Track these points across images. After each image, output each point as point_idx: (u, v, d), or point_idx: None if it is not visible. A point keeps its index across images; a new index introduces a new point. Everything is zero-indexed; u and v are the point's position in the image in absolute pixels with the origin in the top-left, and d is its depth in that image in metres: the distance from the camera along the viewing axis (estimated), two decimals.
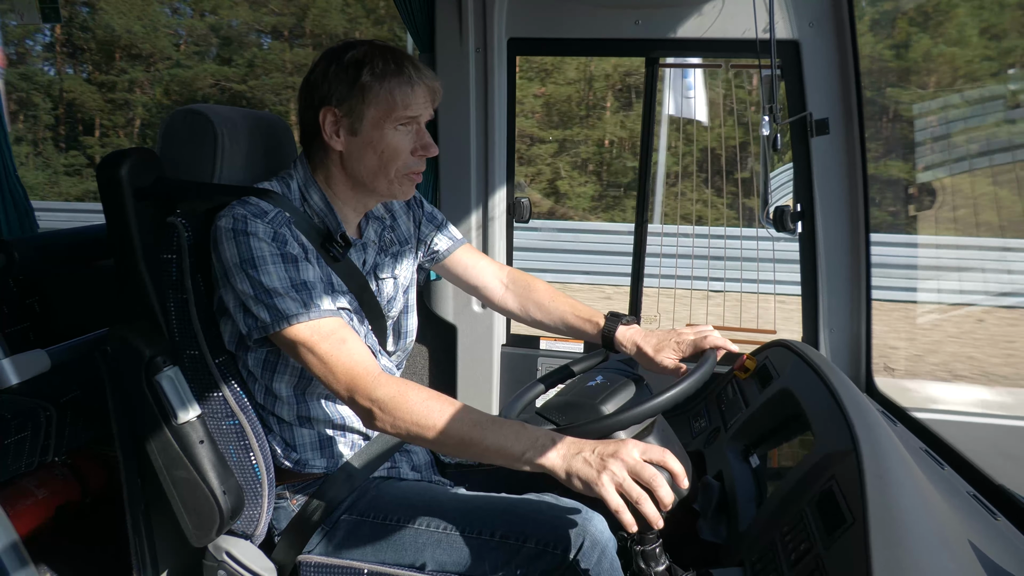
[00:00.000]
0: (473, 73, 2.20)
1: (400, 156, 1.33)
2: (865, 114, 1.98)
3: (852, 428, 1.17)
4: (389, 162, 1.33)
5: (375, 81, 1.28)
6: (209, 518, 1.31)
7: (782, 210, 2.01)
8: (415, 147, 1.34)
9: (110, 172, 1.28)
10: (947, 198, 7.78)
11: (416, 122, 1.34)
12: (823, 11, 1.95)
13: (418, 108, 1.32)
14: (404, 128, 1.33)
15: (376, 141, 1.31)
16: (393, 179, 1.35)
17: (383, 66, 1.29)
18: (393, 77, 1.29)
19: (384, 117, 1.30)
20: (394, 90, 1.29)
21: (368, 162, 1.33)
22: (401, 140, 1.33)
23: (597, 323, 1.55)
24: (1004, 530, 1.18)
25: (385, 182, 1.35)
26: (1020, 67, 9.83)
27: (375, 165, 1.33)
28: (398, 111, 1.30)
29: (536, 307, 1.64)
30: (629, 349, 1.51)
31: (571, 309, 1.60)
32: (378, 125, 1.31)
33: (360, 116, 1.30)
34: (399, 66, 1.30)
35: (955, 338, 6.59)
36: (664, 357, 1.46)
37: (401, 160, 1.33)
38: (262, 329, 1.23)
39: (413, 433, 1.17)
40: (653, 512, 1.05)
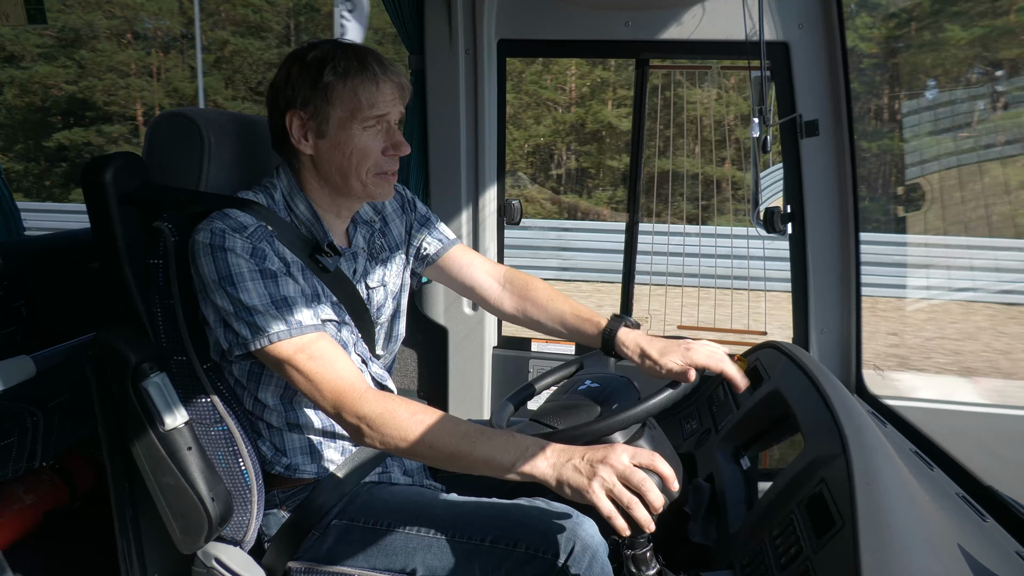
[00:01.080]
0: (463, 75, 2.19)
1: (370, 156, 1.30)
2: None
3: (841, 430, 1.17)
4: (359, 163, 1.30)
5: (338, 80, 1.25)
6: (197, 525, 1.30)
7: (772, 211, 2.01)
8: (385, 146, 1.31)
9: (94, 177, 1.26)
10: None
11: (384, 120, 1.30)
12: (812, 13, 1.96)
13: (385, 106, 1.29)
14: (372, 127, 1.29)
15: (344, 142, 1.29)
16: (366, 180, 1.32)
17: (345, 64, 1.26)
18: (356, 75, 1.26)
19: (350, 117, 1.27)
20: (358, 88, 1.26)
21: (338, 164, 1.30)
22: (370, 140, 1.30)
23: (598, 324, 1.46)
24: (992, 532, 1.18)
25: (358, 184, 1.32)
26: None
27: (345, 166, 1.30)
28: (364, 110, 1.27)
29: (534, 307, 1.57)
30: (632, 351, 1.40)
31: (571, 309, 1.53)
32: (344, 125, 1.28)
33: (326, 117, 1.28)
34: (362, 63, 1.27)
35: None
36: (670, 361, 1.33)
37: (371, 160, 1.30)
38: (243, 347, 1.22)
39: (402, 448, 1.17)
40: (644, 516, 1.06)
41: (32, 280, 2.36)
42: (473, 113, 2.23)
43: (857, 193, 2.02)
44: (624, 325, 1.43)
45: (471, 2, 2.12)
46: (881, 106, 13.25)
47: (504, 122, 2.30)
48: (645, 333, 1.47)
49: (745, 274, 3.65)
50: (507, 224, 2.37)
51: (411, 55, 2.23)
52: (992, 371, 5.98)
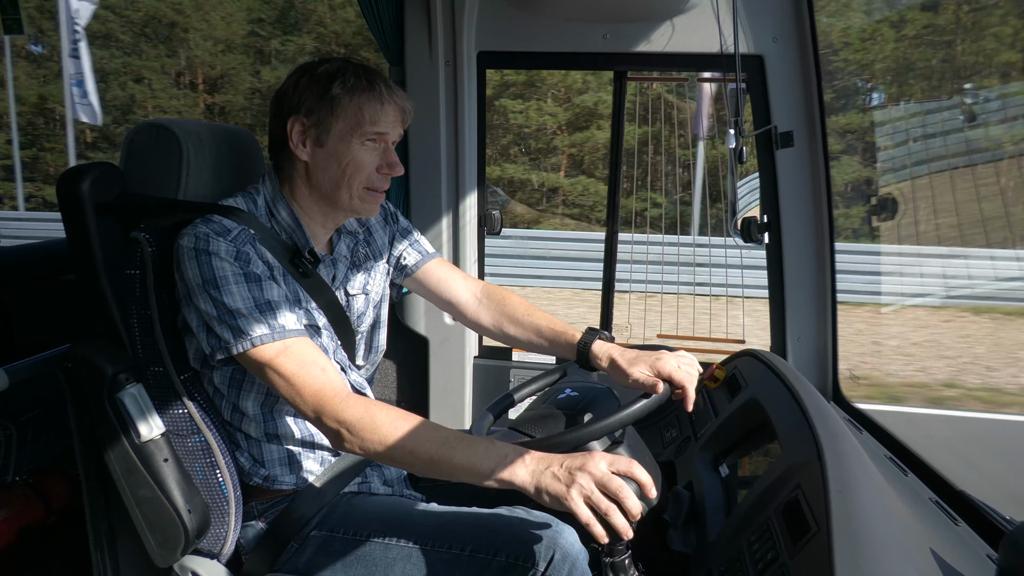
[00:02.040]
0: (443, 86, 2.20)
1: (363, 171, 1.33)
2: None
3: (817, 437, 1.19)
4: (352, 176, 1.32)
5: (345, 94, 1.29)
6: (174, 537, 1.29)
7: (749, 221, 2.04)
8: (380, 164, 1.34)
9: (70, 187, 1.25)
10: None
11: (384, 140, 1.34)
12: (786, 27, 1.99)
13: (386, 126, 1.32)
14: (371, 144, 1.32)
15: (341, 154, 1.31)
16: (355, 194, 1.34)
17: (355, 81, 1.29)
18: (364, 92, 1.29)
19: (351, 131, 1.30)
20: (363, 105, 1.29)
21: (331, 174, 1.32)
22: (366, 156, 1.32)
23: (573, 337, 1.47)
24: (964, 536, 1.20)
25: (347, 195, 1.34)
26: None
27: (338, 177, 1.32)
28: (365, 126, 1.30)
29: (510, 321, 1.59)
30: (603, 362, 1.41)
31: (546, 323, 1.54)
32: (344, 138, 1.30)
33: (327, 128, 1.30)
34: (371, 82, 1.30)
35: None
36: (637, 371, 1.33)
37: (364, 175, 1.33)
38: (226, 350, 1.22)
39: (382, 454, 1.17)
40: (622, 523, 1.06)
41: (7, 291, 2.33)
42: (453, 124, 2.24)
43: (832, 203, 2.05)
44: (599, 338, 1.45)
45: (451, 14, 2.14)
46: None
47: (484, 133, 2.31)
48: (619, 345, 1.49)
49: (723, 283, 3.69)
50: (487, 234, 2.38)
51: (391, 67, 2.24)
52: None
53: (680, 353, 1.38)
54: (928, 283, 8.00)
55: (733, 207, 2.16)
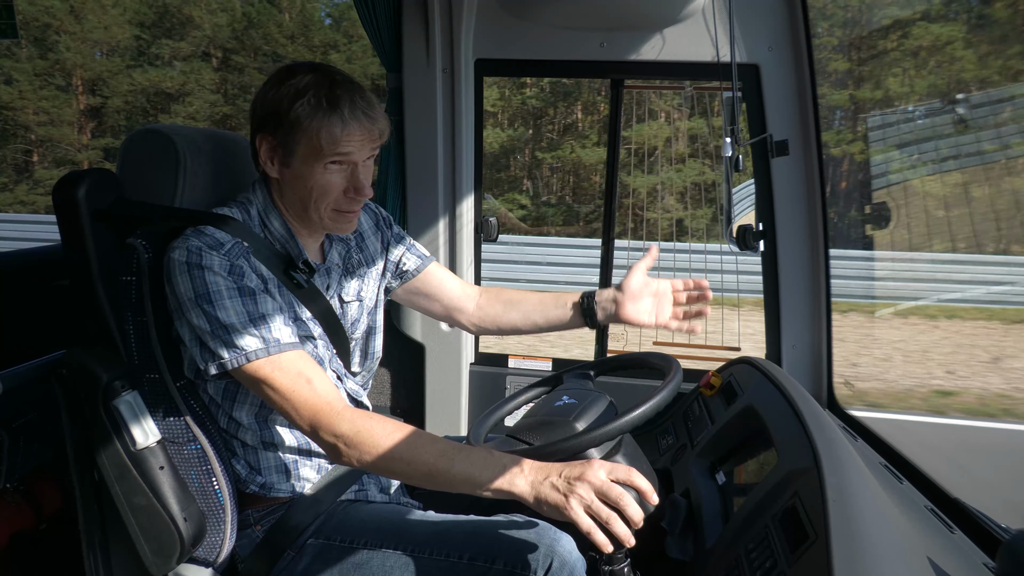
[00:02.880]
0: (440, 94, 2.20)
1: (329, 195, 1.29)
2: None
3: (813, 445, 1.19)
4: (319, 199, 1.29)
5: (305, 118, 1.23)
6: (169, 546, 1.28)
7: (745, 229, 2.05)
8: (347, 187, 1.30)
9: (66, 193, 1.25)
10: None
11: (349, 160, 1.28)
12: (782, 36, 2.01)
13: (348, 147, 1.26)
14: (335, 167, 1.28)
15: (306, 177, 1.28)
16: (324, 215, 1.31)
17: (315, 102, 1.23)
18: (324, 116, 1.23)
19: (313, 155, 1.26)
20: (321, 130, 1.23)
21: (300, 194, 1.30)
22: (331, 179, 1.28)
23: (573, 301, 1.58)
24: (960, 543, 1.21)
25: (316, 217, 1.32)
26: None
27: (305, 199, 1.30)
28: (326, 150, 1.25)
29: (508, 307, 1.63)
30: (608, 307, 1.55)
31: (543, 299, 1.61)
32: (307, 162, 1.26)
33: (291, 150, 1.27)
34: (332, 103, 1.23)
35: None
36: (641, 303, 1.54)
37: (331, 198, 1.29)
38: (220, 366, 1.21)
39: (380, 467, 1.17)
40: (624, 530, 1.06)
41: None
42: (450, 132, 2.24)
43: (827, 211, 2.06)
44: (596, 291, 1.56)
45: (448, 22, 2.14)
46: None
47: (481, 140, 2.31)
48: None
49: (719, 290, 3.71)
50: (484, 240, 2.38)
51: (388, 74, 2.24)
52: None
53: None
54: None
55: (728, 215, 2.16)
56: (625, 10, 2.04)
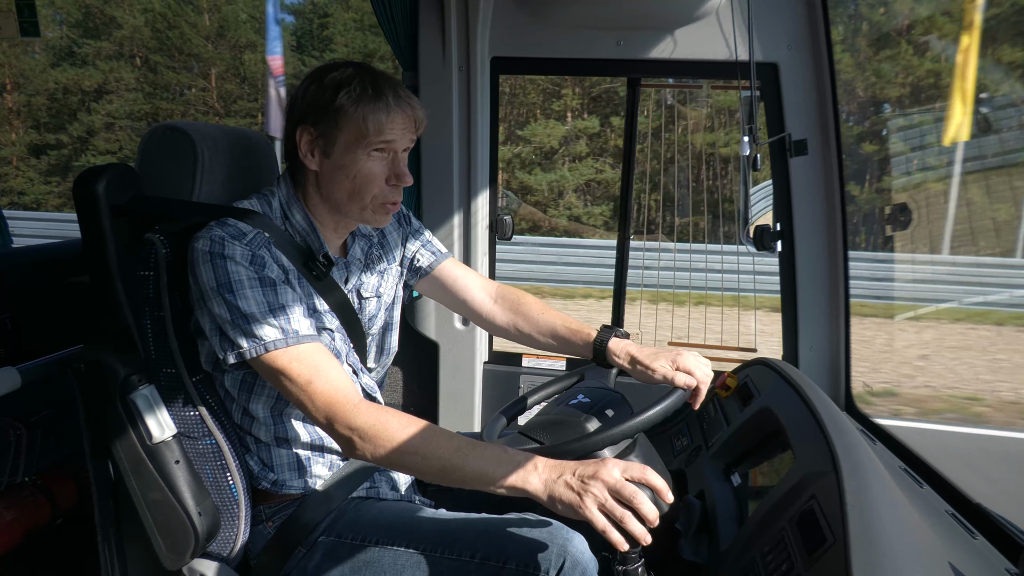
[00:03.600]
0: (456, 92, 2.20)
1: (374, 184, 1.30)
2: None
3: (832, 447, 1.18)
4: (363, 189, 1.30)
5: (350, 105, 1.26)
6: (184, 540, 1.28)
7: (762, 229, 2.03)
8: (389, 175, 1.31)
9: (86, 188, 1.26)
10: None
11: (391, 148, 1.31)
12: (801, 34, 1.99)
13: (393, 135, 1.29)
14: (378, 154, 1.30)
15: (348, 166, 1.29)
16: (367, 207, 1.32)
17: (360, 91, 1.26)
18: (369, 103, 1.26)
19: (356, 142, 1.28)
20: (368, 116, 1.26)
21: (342, 186, 1.31)
22: (374, 167, 1.30)
23: (589, 335, 1.49)
24: (982, 549, 1.18)
25: (358, 209, 1.33)
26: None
27: (348, 190, 1.31)
28: (371, 137, 1.27)
29: (525, 320, 1.58)
30: (623, 360, 1.44)
31: (562, 322, 1.54)
32: (350, 150, 1.28)
33: (333, 139, 1.28)
34: (377, 91, 1.27)
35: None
36: (659, 366, 1.38)
37: (376, 188, 1.31)
38: (239, 355, 1.21)
39: (394, 461, 1.16)
40: (639, 529, 1.06)
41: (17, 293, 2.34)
42: (466, 130, 2.24)
43: (846, 211, 2.03)
44: (615, 335, 1.47)
45: (464, 20, 2.14)
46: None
47: (496, 139, 2.31)
48: (634, 343, 1.50)
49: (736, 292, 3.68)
50: (499, 240, 2.38)
51: (404, 72, 2.24)
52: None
53: (695, 352, 1.42)
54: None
55: (745, 215, 2.14)
56: (642, 9, 2.03)
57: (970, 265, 8.33)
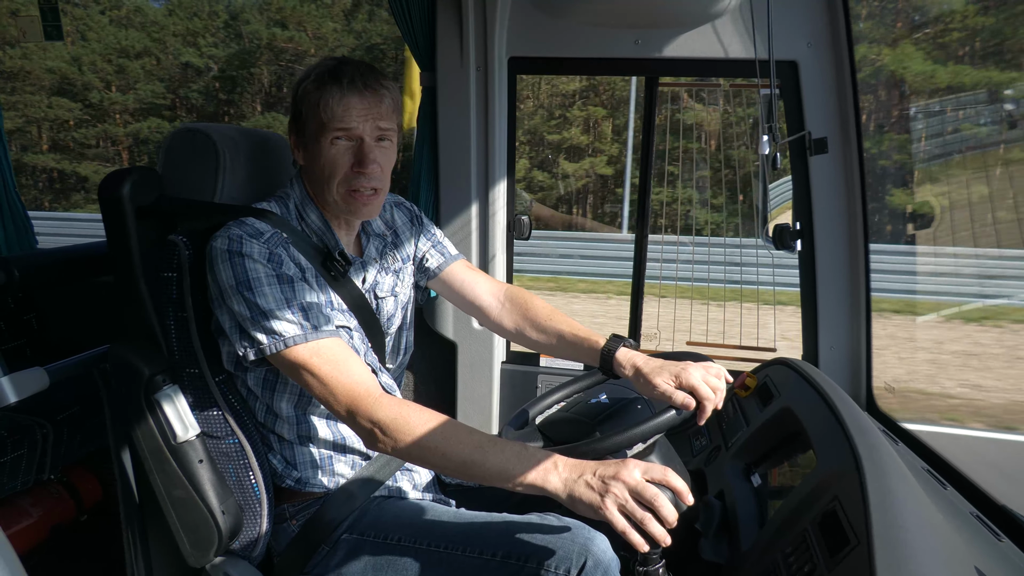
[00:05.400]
0: (474, 92, 2.21)
1: (337, 172, 1.30)
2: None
3: (854, 448, 1.17)
4: (330, 178, 1.31)
5: (312, 92, 1.28)
6: (207, 538, 1.30)
7: (782, 228, 2.01)
8: (352, 162, 1.30)
9: (112, 191, 1.28)
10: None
11: (354, 135, 1.29)
12: (821, 31, 1.97)
13: (351, 121, 1.27)
14: (341, 142, 1.29)
15: (317, 155, 1.30)
16: (337, 196, 1.32)
17: (317, 77, 1.27)
18: (324, 87, 1.27)
19: (319, 131, 1.29)
20: (322, 100, 1.27)
21: (316, 176, 1.33)
22: (338, 155, 1.30)
23: (596, 343, 1.43)
24: (1008, 552, 1.17)
25: (332, 199, 1.33)
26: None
27: (319, 179, 1.32)
28: (328, 123, 1.27)
29: (532, 325, 1.55)
30: (627, 371, 1.37)
31: (569, 329, 1.50)
32: (316, 138, 1.29)
33: (304, 131, 1.31)
34: (335, 77, 1.27)
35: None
36: (660, 382, 1.30)
37: (340, 176, 1.30)
38: (259, 351, 1.23)
39: (414, 455, 1.17)
40: (659, 530, 1.05)
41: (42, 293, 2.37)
42: (483, 130, 2.24)
43: (867, 210, 2.01)
44: (623, 345, 1.40)
45: (482, 20, 2.14)
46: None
47: (514, 139, 2.31)
48: (646, 351, 1.45)
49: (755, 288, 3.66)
50: (516, 238, 2.38)
51: (423, 72, 2.25)
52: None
53: (707, 364, 1.34)
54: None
55: (765, 214, 2.13)
56: (660, 7, 2.02)
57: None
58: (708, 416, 1.29)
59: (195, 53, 16.36)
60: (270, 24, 16.21)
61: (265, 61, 16.55)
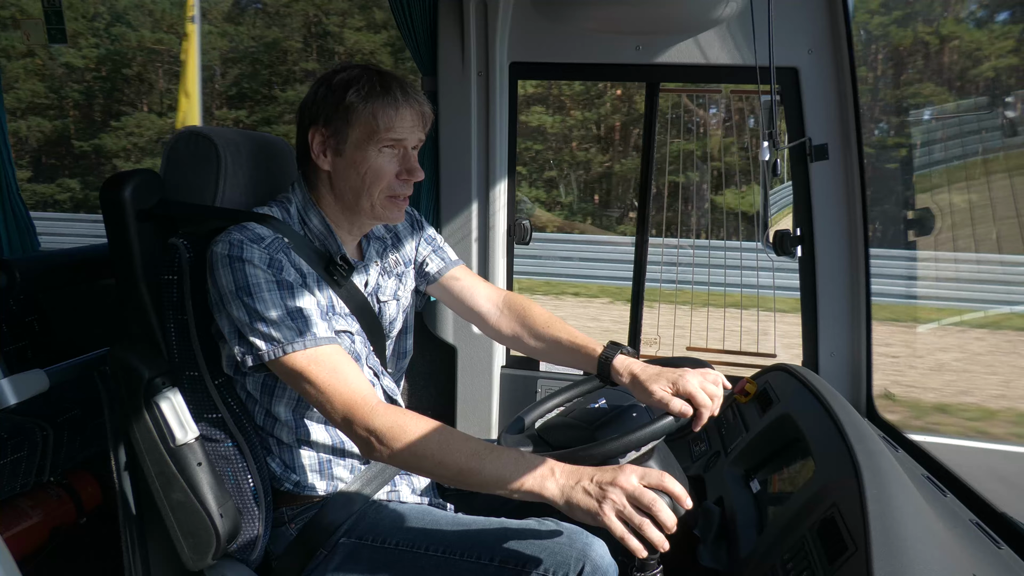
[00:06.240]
0: (475, 97, 2.21)
1: (383, 178, 1.32)
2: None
3: (853, 454, 1.17)
4: (372, 184, 1.32)
5: (360, 102, 1.29)
6: (205, 542, 1.30)
7: (782, 234, 2.02)
8: (400, 170, 1.33)
9: (113, 193, 1.28)
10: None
11: (401, 145, 1.33)
12: (822, 38, 1.97)
13: (403, 131, 1.31)
14: (389, 151, 1.32)
15: (359, 162, 1.31)
16: (376, 201, 1.34)
17: (369, 88, 1.29)
18: (378, 99, 1.29)
19: (367, 139, 1.30)
20: (377, 112, 1.29)
21: (352, 183, 1.33)
22: (385, 163, 1.32)
23: (594, 350, 1.43)
24: (1007, 559, 1.17)
25: (368, 203, 1.34)
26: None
27: (358, 186, 1.33)
28: (381, 133, 1.30)
29: (530, 333, 1.55)
30: (624, 378, 1.37)
31: (567, 336, 1.50)
32: (361, 146, 1.31)
33: (344, 137, 1.31)
34: (385, 88, 1.30)
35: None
36: (657, 389, 1.29)
37: (384, 182, 1.33)
38: (257, 357, 1.23)
39: (411, 463, 1.17)
40: (657, 536, 1.05)
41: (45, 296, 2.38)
42: (485, 135, 2.25)
43: (867, 217, 2.02)
44: (620, 352, 1.40)
45: (483, 25, 2.15)
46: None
47: (515, 144, 2.32)
48: (645, 358, 1.44)
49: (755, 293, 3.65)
50: (517, 243, 2.39)
51: (424, 77, 2.26)
52: None
53: (705, 371, 1.33)
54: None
55: (765, 220, 2.13)
56: (661, 13, 2.03)
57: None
58: (705, 423, 1.28)
59: (76, 54, 16.16)
60: (141, 27, 16.04)
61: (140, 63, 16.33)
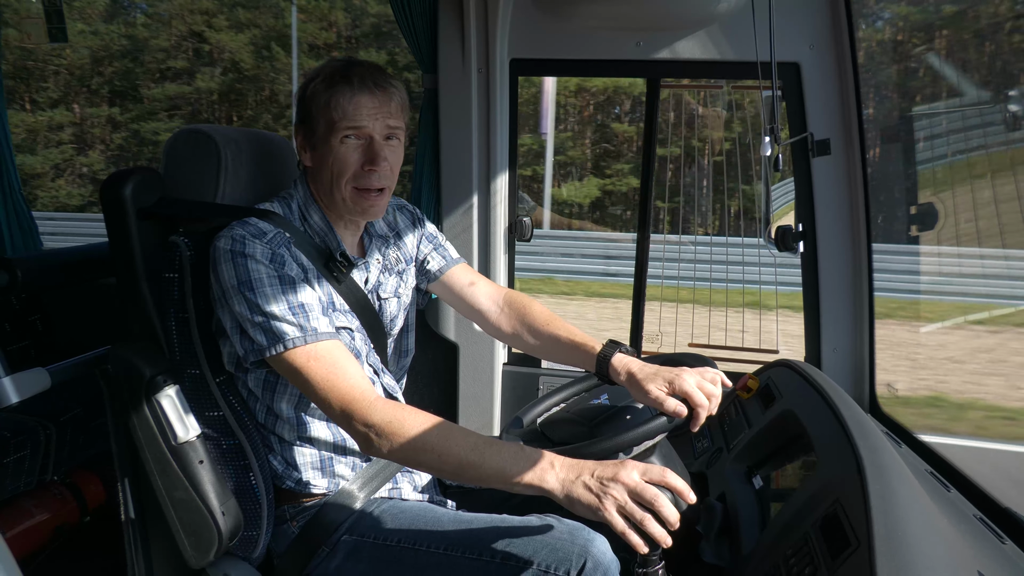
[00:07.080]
0: (475, 93, 2.21)
1: (347, 170, 1.31)
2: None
3: (856, 450, 1.16)
4: (338, 176, 1.31)
5: (321, 92, 1.28)
6: (207, 539, 1.30)
7: (784, 230, 2.01)
8: (363, 160, 1.31)
9: (114, 192, 1.28)
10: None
11: (364, 134, 1.30)
12: (823, 33, 1.97)
13: (362, 119, 1.29)
14: (351, 141, 1.30)
15: (326, 154, 1.31)
16: (345, 195, 1.33)
17: (327, 77, 1.28)
18: (335, 87, 1.28)
19: (329, 129, 1.29)
20: (333, 100, 1.28)
21: (324, 177, 1.33)
22: (348, 153, 1.30)
23: (592, 349, 1.42)
24: (1011, 554, 1.16)
25: (340, 197, 1.33)
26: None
27: (328, 179, 1.32)
28: (339, 122, 1.28)
29: (529, 332, 1.55)
30: (622, 377, 1.36)
31: (567, 334, 1.49)
32: (325, 138, 1.30)
33: (313, 130, 1.31)
34: (344, 76, 1.28)
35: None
36: (653, 388, 1.28)
37: (349, 173, 1.31)
38: (258, 352, 1.23)
39: (410, 458, 1.17)
40: (659, 531, 1.05)
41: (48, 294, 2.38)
42: (485, 132, 2.24)
43: (870, 211, 2.01)
44: (619, 351, 1.39)
45: (484, 22, 2.15)
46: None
47: (516, 141, 2.31)
48: (644, 355, 1.44)
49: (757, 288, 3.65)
50: (517, 240, 2.38)
51: (424, 74, 2.25)
52: None
53: (704, 369, 1.32)
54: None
55: (767, 216, 2.13)
56: (662, 9, 2.02)
57: None
58: (702, 423, 1.27)
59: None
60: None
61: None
